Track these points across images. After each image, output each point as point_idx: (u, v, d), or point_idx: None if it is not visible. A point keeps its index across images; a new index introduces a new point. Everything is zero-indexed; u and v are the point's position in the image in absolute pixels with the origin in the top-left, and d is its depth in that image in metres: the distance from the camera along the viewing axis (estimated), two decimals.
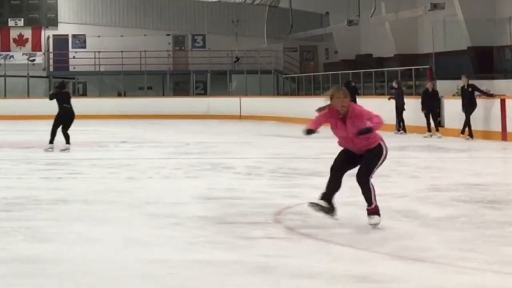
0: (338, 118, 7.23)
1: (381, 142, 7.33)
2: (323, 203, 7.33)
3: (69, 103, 16.39)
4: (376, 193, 7.22)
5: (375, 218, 7.17)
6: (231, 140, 20.62)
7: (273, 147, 17.41)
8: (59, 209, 8.50)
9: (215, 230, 7.11)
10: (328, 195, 7.37)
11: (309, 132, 7.29)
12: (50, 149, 16.25)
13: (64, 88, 16.91)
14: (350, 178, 10.98)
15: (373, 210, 7.20)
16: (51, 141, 16.38)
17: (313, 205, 7.37)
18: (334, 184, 7.38)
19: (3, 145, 17.71)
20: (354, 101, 22.45)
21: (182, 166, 13.23)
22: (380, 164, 7.32)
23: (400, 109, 22.06)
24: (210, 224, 7.41)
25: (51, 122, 16.50)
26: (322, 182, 10.81)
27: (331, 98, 7.24)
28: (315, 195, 9.48)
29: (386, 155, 7.31)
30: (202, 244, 6.48)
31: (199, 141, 19.43)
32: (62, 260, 5.89)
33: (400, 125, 22.11)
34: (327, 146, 18.28)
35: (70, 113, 16.38)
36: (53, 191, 9.91)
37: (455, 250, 6.18)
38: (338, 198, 9.26)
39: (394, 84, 22.77)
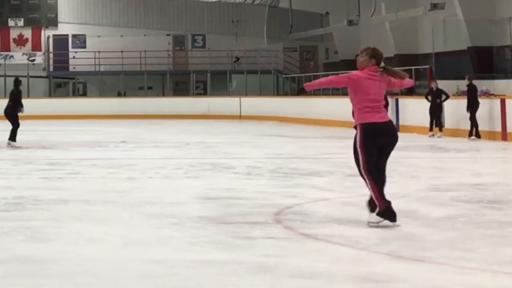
0: None
1: (360, 124, 7.12)
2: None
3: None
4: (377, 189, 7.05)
5: (372, 217, 7.10)
6: (231, 140, 20.60)
7: (273, 147, 17.40)
8: (59, 209, 8.49)
9: (215, 230, 7.10)
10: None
11: None
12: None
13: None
14: (348, 178, 11.05)
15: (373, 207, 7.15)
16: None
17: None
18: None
19: (3, 145, 17.69)
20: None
21: (182, 166, 13.22)
22: (362, 153, 7.04)
23: None
24: (210, 224, 7.41)
25: (51, 122, 16.51)
26: (322, 182, 10.90)
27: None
28: (315, 195, 9.54)
29: (361, 142, 7.05)
30: (202, 244, 6.47)
31: (199, 141, 19.42)
32: (62, 260, 5.89)
33: None
34: (327, 146, 18.41)
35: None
36: (53, 191, 9.90)
37: (455, 250, 6.16)
38: (338, 198, 9.31)
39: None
